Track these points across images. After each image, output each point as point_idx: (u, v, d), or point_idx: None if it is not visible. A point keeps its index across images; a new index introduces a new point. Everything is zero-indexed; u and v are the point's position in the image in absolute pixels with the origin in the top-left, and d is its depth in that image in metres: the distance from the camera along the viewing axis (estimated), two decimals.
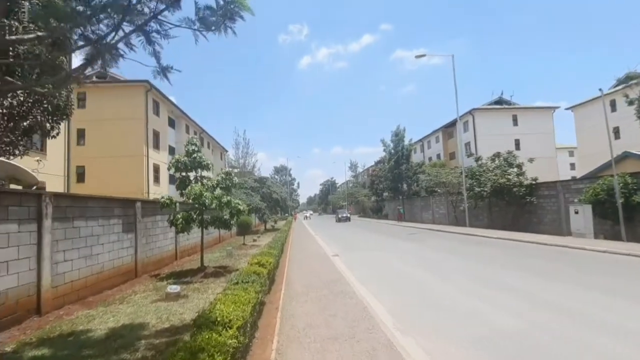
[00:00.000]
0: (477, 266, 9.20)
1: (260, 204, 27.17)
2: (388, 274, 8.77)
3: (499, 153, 21.41)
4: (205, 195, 8.56)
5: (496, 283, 7.06)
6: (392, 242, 16.55)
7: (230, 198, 9.31)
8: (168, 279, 9.00)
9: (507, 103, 40.13)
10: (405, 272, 8.80)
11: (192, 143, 9.83)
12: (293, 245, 16.53)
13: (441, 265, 9.58)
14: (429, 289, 6.96)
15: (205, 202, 8.58)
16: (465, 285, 7.01)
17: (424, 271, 8.77)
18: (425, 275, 8.21)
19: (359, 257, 11.84)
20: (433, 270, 8.87)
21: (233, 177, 9.70)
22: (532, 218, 19.62)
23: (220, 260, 12.14)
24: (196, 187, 8.51)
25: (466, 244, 14.51)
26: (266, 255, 7.67)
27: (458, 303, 5.83)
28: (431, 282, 7.52)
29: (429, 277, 8.06)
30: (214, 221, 9.49)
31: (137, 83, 25.43)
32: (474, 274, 8.21)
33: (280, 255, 11.16)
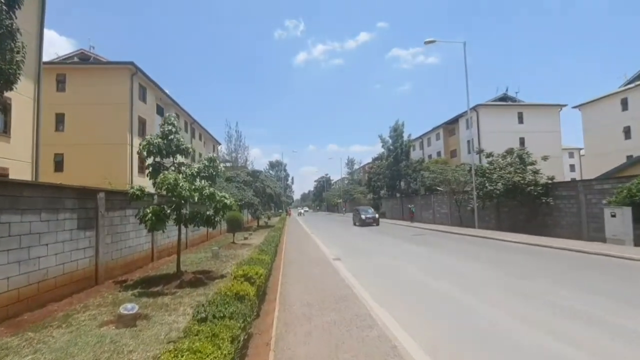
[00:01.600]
0: (516, 280, 7.60)
1: (253, 199, 25.44)
2: (406, 287, 7.14)
3: (512, 149, 19.91)
4: (181, 185, 6.84)
5: (558, 307, 5.45)
6: (398, 244, 14.95)
7: (214, 190, 7.60)
8: (134, 288, 7.28)
9: (512, 100, 38.75)
10: (428, 286, 7.18)
11: (170, 122, 8.10)
12: (288, 246, 14.85)
13: (470, 276, 7.97)
14: (469, 311, 5.34)
15: (182, 194, 6.86)
16: (516, 309, 5.40)
17: (452, 284, 7.16)
18: (456, 291, 6.59)
19: (365, 264, 10.21)
20: (462, 283, 7.26)
21: (218, 165, 7.98)
22: (547, 220, 18.16)
23: (203, 263, 10.43)
24: (170, 175, 6.78)
25: (485, 248, 12.95)
26: (256, 263, 5.99)
27: (519, 337, 4.22)
28: (469, 301, 5.89)
29: (461, 293, 6.44)
30: (194, 218, 7.77)
31: (121, 65, 23.44)
32: (518, 290, 6.61)
33: (273, 259, 9.49)
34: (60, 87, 23.19)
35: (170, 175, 6.77)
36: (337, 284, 7.21)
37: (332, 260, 10.60)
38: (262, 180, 28.44)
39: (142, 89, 25.64)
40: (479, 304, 5.72)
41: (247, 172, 28.93)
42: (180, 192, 6.81)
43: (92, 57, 25.66)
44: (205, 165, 7.76)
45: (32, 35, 14.24)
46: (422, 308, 5.62)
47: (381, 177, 41.28)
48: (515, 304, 5.67)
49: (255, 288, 4.43)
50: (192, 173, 7.53)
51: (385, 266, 9.60)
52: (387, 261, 10.48)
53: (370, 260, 10.79)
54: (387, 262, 10.24)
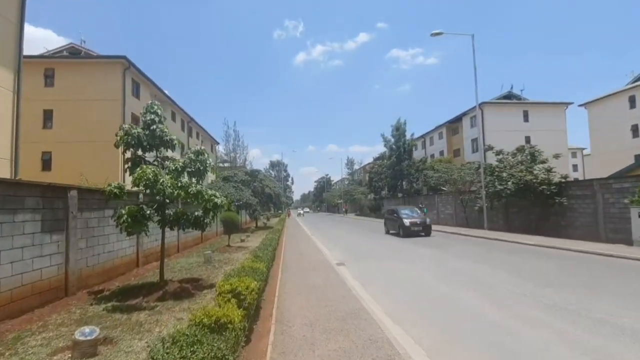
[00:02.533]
0: (543, 289, 6.63)
1: (251, 200, 24.45)
2: (425, 300, 6.16)
3: (523, 146, 18.94)
4: (163, 181, 5.86)
5: (616, 327, 4.48)
6: (405, 246, 13.97)
7: (201, 187, 6.62)
8: (109, 301, 6.30)
9: (517, 98, 37.81)
10: (450, 298, 6.20)
11: (152, 111, 7.11)
12: (287, 249, 13.87)
13: (493, 285, 6.99)
14: (509, 334, 4.37)
15: (164, 191, 5.89)
16: (563, 330, 4.44)
17: (476, 296, 6.20)
18: (485, 306, 5.61)
19: (373, 270, 9.23)
20: (487, 294, 6.30)
21: (206, 159, 6.99)
22: (560, 221, 17.20)
23: (193, 269, 9.44)
24: (149, 169, 5.80)
25: (499, 251, 11.99)
26: (248, 273, 5.02)
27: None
28: (503, 320, 4.91)
29: (491, 308, 5.47)
30: (178, 219, 6.79)
31: (113, 59, 22.45)
32: (552, 302, 5.66)
33: (270, 265, 8.51)
34: (48, 82, 22.20)
35: (149, 170, 5.79)
36: (343, 295, 6.23)
37: (335, 265, 9.63)
38: (261, 180, 27.45)
39: (136, 85, 24.65)
40: (516, 323, 4.74)
41: (245, 172, 27.94)
42: (161, 189, 5.83)
43: (83, 51, 24.68)
44: (192, 159, 6.77)
45: (12, 24, 13.27)
46: (451, 329, 4.64)
47: (383, 177, 40.28)
48: (559, 323, 4.70)
49: (244, 311, 3.45)
50: (176, 168, 6.53)
51: (395, 273, 8.62)
52: (397, 266, 9.51)
53: (378, 265, 9.82)
54: (397, 268, 9.26)
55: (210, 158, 7.18)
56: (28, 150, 21.76)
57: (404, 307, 5.70)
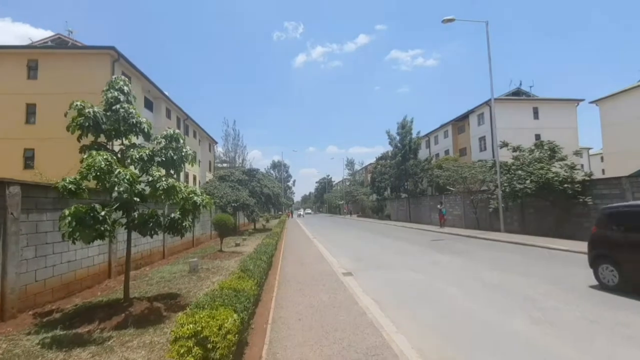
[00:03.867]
0: (608, 311, 5.19)
1: (249, 200, 23.00)
2: (467, 331, 4.69)
3: (541, 142, 17.49)
4: (119, 173, 4.43)
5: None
6: (419, 252, 12.50)
7: (175, 181, 5.19)
8: (53, 329, 4.86)
9: (526, 94, 36.34)
10: (499, 326, 4.76)
11: (116, 88, 5.69)
12: (286, 256, 12.41)
13: (547, 306, 5.53)
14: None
15: (120, 186, 4.46)
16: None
17: (531, 323, 4.75)
18: (551, 341, 4.16)
19: (387, 282, 7.78)
20: (546, 319, 4.85)
21: (182, 146, 5.54)
22: (583, 222, 15.72)
23: (174, 281, 7.99)
24: (99, 156, 4.37)
25: (531, 258, 10.52)
26: (227, 297, 3.58)
27: None
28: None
29: (562, 345, 4.02)
30: (146, 222, 5.35)
31: (100, 50, 21.01)
32: (632, 334, 4.20)
33: (263, 278, 7.07)
34: (31, 75, 20.77)
35: (99, 157, 4.36)
36: (356, 322, 4.78)
37: (342, 275, 8.18)
38: (259, 179, 26.01)
39: (126, 78, 23.18)
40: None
41: (242, 171, 26.50)
42: (116, 182, 4.40)
43: (70, 42, 23.27)
44: (163, 146, 5.33)
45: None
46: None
47: (386, 177, 38.84)
48: None
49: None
50: (141, 157, 5.08)
51: (415, 287, 7.16)
52: (415, 278, 8.04)
53: (392, 275, 8.35)
54: (416, 280, 7.80)
55: (187, 146, 5.73)
56: (9, 147, 20.38)
57: (442, 342, 4.25)
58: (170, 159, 5.23)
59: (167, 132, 5.48)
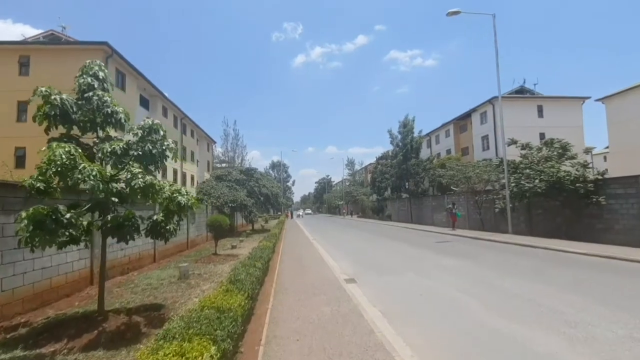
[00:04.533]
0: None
1: (247, 200, 22.34)
2: (492, 351, 4.02)
3: (551, 140, 16.81)
4: (83, 168, 3.76)
5: None
6: (424, 256, 11.82)
7: (153, 179, 4.52)
8: (15, 347, 4.21)
9: (530, 93, 35.65)
10: (527, 345, 4.08)
11: (90, 73, 5.03)
12: (284, 259, 11.74)
13: (579, 320, 4.87)
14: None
15: (85, 183, 3.79)
16: None
17: (565, 340, 4.08)
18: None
19: (394, 289, 7.11)
20: (581, 337, 4.19)
21: (162, 138, 4.87)
22: (596, 224, 15.07)
23: (160, 289, 7.31)
24: (59, 148, 3.71)
25: (543, 262, 9.86)
26: (208, 321, 2.91)
27: None
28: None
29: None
30: (121, 225, 4.68)
31: (93, 45, 20.36)
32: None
33: (257, 286, 6.40)
34: (23, 71, 20.14)
35: (59, 150, 3.69)
36: (363, 341, 4.11)
37: (345, 282, 7.51)
38: (257, 179, 25.33)
39: (121, 75, 22.55)
40: None
41: (240, 170, 25.82)
42: (79, 179, 3.73)
43: (63, 38, 22.60)
44: (140, 137, 4.65)
45: None
46: None
47: (387, 177, 38.16)
48: None
49: None
50: (113, 150, 4.41)
51: (425, 295, 6.48)
52: (423, 284, 7.36)
53: (398, 282, 7.67)
54: (424, 287, 7.12)
55: (169, 139, 5.06)
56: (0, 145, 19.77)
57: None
58: (149, 153, 4.56)
59: (145, 122, 4.80)
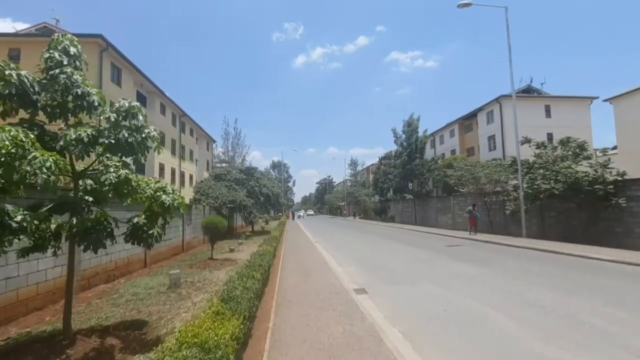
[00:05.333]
0: None
1: (246, 201, 21.49)
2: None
3: (568, 138, 15.97)
4: (33, 159, 2.92)
5: None
6: (438, 261, 10.96)
7: (129, 174, 3.68)
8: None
9: (537, 92, 34.84)
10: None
11: (58, 48, 4.22)
12: (285, 266, 10.89)
13: (633, 342, 4.02)
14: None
15: (37, 177, 2.95)
16: None
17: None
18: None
19: (411, 303, 6.25)
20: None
21: (142, 125, 4.02)
22: (614, 227, 14.23)
23: (146, 300, 6.47)
24: (3, 133, 2.88)
25: (573, 270, 8.99)
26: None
27: None
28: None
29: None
30: (87, 231, 3.84)
31: (87, 38, 19.45)
32: None
33: (259, 296, 5.55)
34: None
35: (3, 135, 2.85)
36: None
37: (355, 294, 6.67)
38: (258, 178, 24.48)
39: (116, 70, 21.75)
40: None
41: (239, 169, 24.97)
42: (27, 173, 2.89)
43: (57, 31, 21.73)
44: (114, 123, 3.81)
45: None
46: None
47: (391, 177, 37.32)
48: None
49: None
50: (79, 137, 3.57)
51: (448, 310, 5.62)
52: (442, 296, 6.50)
53: (415, 294, 6.81)
54: (444, 299, 6.26)
55: (152, 127, 4.21)
56: None
57: None
58: (124, 141, 3.71)
59: (121, 103, 3.95)
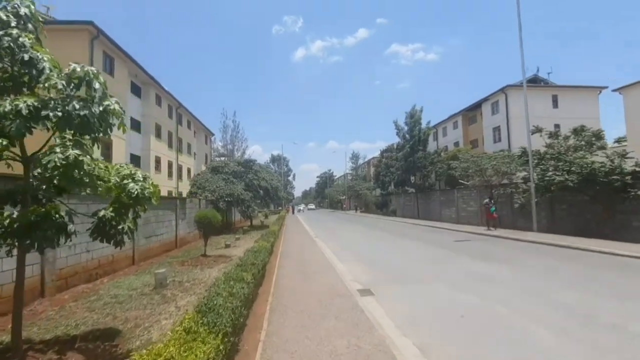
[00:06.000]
0: None
1: (244, 194, 20.76)
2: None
3: (582, 127, 15.17)
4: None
5: None
6: (449, 257, 10.24)
7: (82, 155, 2.92)
8: None
9: (544, 82, 33.86)
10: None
11: (6, 8, 3.41)
12: (283, 263, 10.19)
13: None
14: None
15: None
16: None
17: None
18: None
19: (425, 307, 5.54)
20: None
21: (98, 94, 3.25)
22: (632, 221, 13.47)
23: (126, 305, 5.75)
24: None
25: (602, 269, 8.27)
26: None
27: None
28: None
29: None
30: (30, 227, 3.09)
31: (77, 26, 18.65)
32: None
33: (248, 304, 4.84)
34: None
35: None
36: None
37: (359, 295, 5.96)
38: (256, 171, 23.71)
39: (109, 59, 20.87)
40: None
41: (237, 162, 24.20)
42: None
43: (47, 19, 20.84)
44: (65, 95, 3.04)
45: None
46: None
47: (393, 170, 36.52)
48: None
49: None
50: (16, 108, 2.81)
51: (472, 318, 4.90)
52: (460, 300, 5.78)
53: (429, 297, 6.07)
54: (463, 304, 5.53)
55: (113, 98, 3.44)
56: None
57: None
58: (75, 115, 2.95)
59: (71, 68, 3.18)
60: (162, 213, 11.94)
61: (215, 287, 4.09)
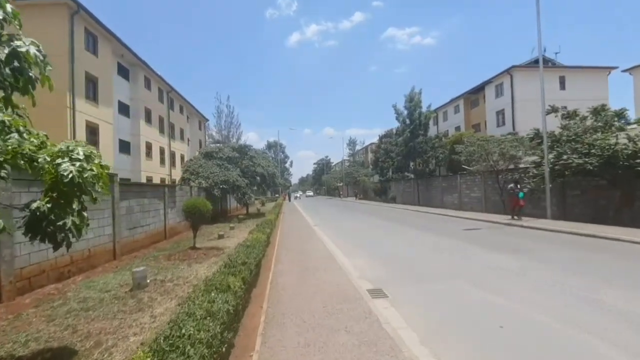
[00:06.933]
0: None
1: (240, 181, 19.75)
2: None
3: (603, 106, 14.15)
4: None
5: None
6: (462, 249, 9.32)
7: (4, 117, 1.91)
8: None
9: (551, 63, 32.59)
10: None
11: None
12: (280, 257, 9.26)
13: None
14: None
15: None
16: None
17: None
18: None
19: (451, 313, 4.64)
20: None
21: (17, 41, 2.23)
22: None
23: (94, 312, 4.80)
24: None
25: (637, 262, 7.40)
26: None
27: None
28: None
29: None
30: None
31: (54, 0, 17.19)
32: None
33: (236, 317, 3.91)
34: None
35: None
36: None
37: (370, 297, 5.06)
38: (252, 157, 22.61)
39: (91, 37, 19.44)
40: None
41: (232, 147, 23.07)
42: None
43: None
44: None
45: None
46: None
47: (393, 156, 35.48)
48: None
49: None
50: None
51: (507, 329, 4.00)
52: (491, 302, 4.88)
53: (451, 299, 5.17)
54: (497, 308, 4.64)
55: (28, 39, 2.41)
56: None
57: None
58: None
59: None
60: (147, 202, 10.94)
61: (190, 302, 3.12)
